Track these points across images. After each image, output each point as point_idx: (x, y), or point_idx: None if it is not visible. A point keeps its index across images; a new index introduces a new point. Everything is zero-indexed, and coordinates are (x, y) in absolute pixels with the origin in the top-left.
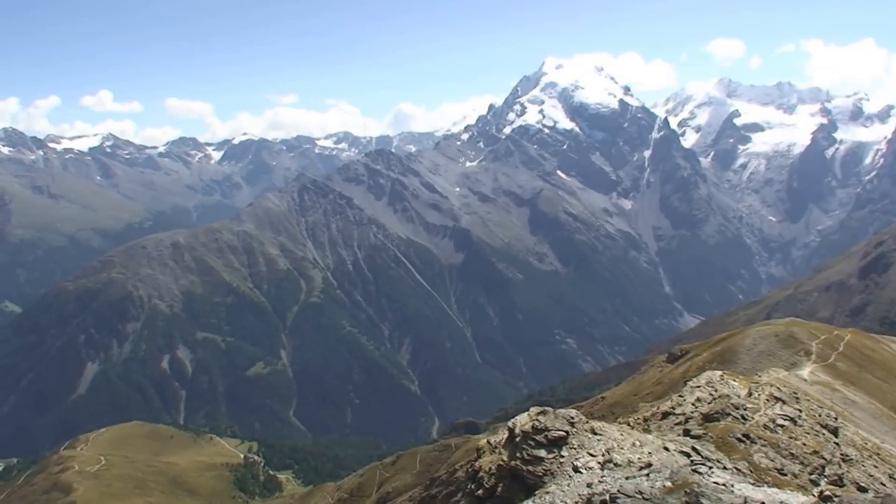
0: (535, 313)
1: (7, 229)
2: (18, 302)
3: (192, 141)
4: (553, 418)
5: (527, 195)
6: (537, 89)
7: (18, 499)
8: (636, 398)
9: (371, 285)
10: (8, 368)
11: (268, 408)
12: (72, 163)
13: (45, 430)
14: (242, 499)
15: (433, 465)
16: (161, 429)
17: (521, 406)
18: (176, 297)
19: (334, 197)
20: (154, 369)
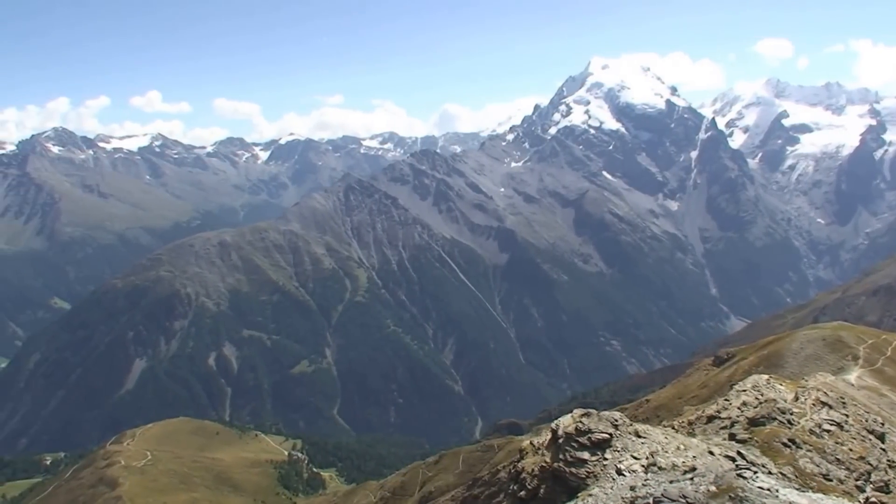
0: (580, 314)
1: (57, 227)
2: (68, 299)
3: (239, 141)
4: (597, 420)
5: (572, 196)
6: (583, 89)
7: (65, 492)
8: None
9: (415, 285)
10: (57, 364)
11: (312, 406)
12: (121, 162)
13: (92, 425)
14: (286, 496)
15: (476, 465)
16: (207, 425)
17: (565, 408)
18: (223, 295)
19: (379, 197)
20: (201, 366)
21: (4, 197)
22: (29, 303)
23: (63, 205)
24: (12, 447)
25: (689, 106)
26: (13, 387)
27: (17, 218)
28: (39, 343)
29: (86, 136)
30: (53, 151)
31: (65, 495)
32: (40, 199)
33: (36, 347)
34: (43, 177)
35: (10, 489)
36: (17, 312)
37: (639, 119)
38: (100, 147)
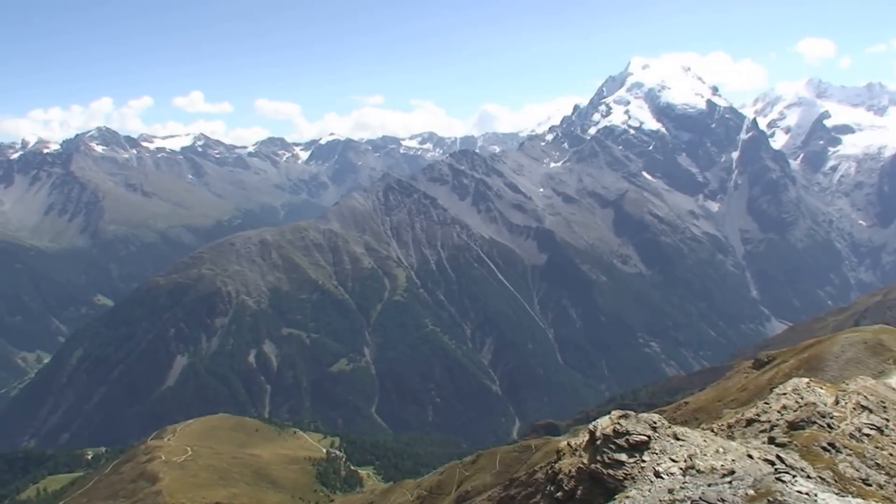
0: (619, 316)
1: (101, 225)
2: (111, 296)
3: (280, 141)
4: (635, 422)
5: (611, 196)
6: (623, 89)
7: (106, 487)
8: (720, 404)
9: (454, 285)
10: (100, 360)
11: (350, 404)
12: (164, 161)
13: (133, 421)
14: (324, 493)
15: (513, 465)
16: (246, 421)
17: (603, 409)
18: (263, 293)
19: (419, 197)
20: (241, 363)
21: (49, 195)
22: (73, 300)
23: (107, 203)
24: (54, 441)
25: (730, 106)
26: (56, 382)
27: (62, 216)
28: (82, 339)
29: (129, 136)
30: (97, 151)
31: (105, 489)
32: (84, 198)
33: (79, 343)
34: (87, 176)
35: (52, 483)
36: (61, 309)
37: (679, 119)
38: (143, 146)
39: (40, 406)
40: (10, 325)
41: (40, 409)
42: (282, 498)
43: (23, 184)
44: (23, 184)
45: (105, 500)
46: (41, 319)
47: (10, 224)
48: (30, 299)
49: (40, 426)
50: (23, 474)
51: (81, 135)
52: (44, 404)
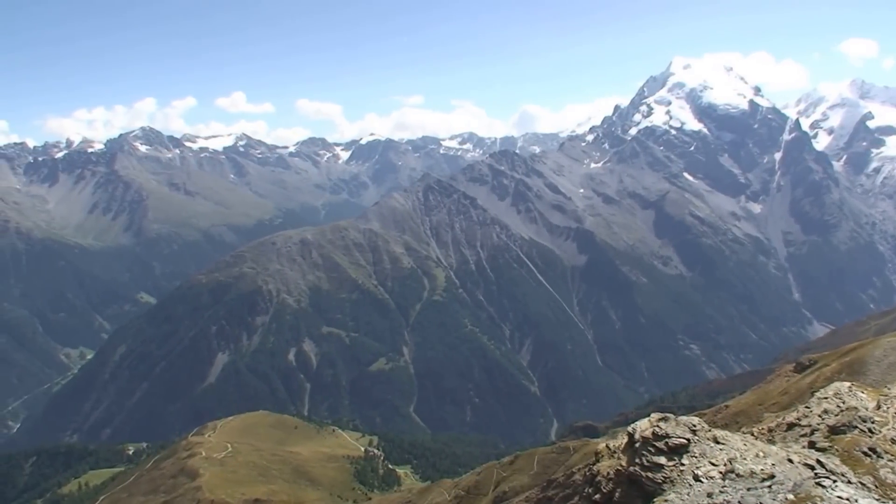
0: (659, 318)
1: (144, 224)
2: (154, 293)
3: (321, 141)
4: (674, 425)
5: (652, 197)
6: (664, 90)
7: (147, 482)
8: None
9: (493, 285)
10: (142, 356)
11: (389, 403)
12: (207, 161)
13: (175, 417)
14: (362, 491)
15: (550, 466)
16: (286, 419)
17: (642, 411)
18: (303, 292)
19: (458, 197)
20: (281, 361)
21: (93, 194)
22: (116, 297)
23: (150, 202)
24: (96, 437)
25: (772, 106)
26: (99, 378)
27: (106, 214)
28: (125, 336)
29: (172, 136)
30: (141, 150)
31: (146, 485)
32: (128, 197)
33: (122, 340)
34: (131, 175)
35: (93, 477)
36: (105, 306)
37: (721, 120)
38: (186, 146)
39: (83, 402)
40: (54, 321)
41: (83, 404)
42: (320, 495)
43: (67, 182)
44: (67, 182)
45: (145, 495)
46: (85, 316)
47: (54, 222)
48: (74, 296)
49: (83, 421)
50: (65, 469)
51: (125, 134)
52: (86, 400)
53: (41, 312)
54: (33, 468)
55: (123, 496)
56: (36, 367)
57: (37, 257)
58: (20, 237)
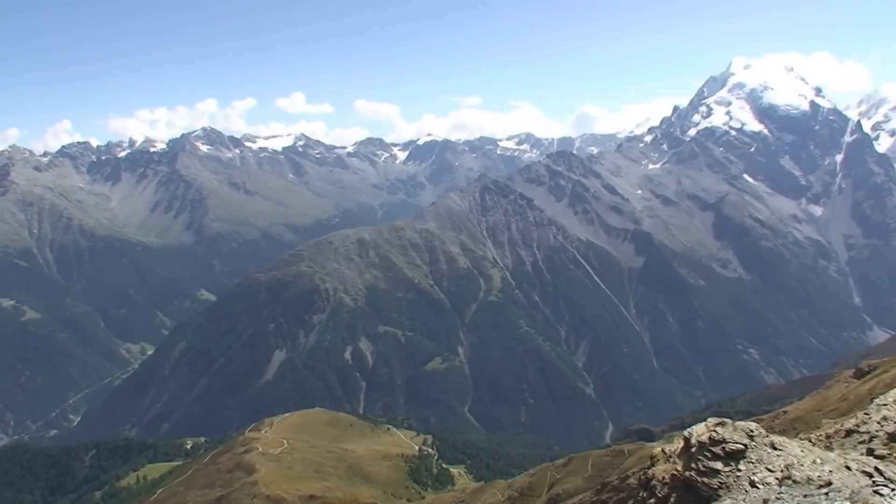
0: (717, 321)
1: (205, 223)
2: (213, 291)
3: (378, 141)
4: (731, 430)
5: (711, 199)
6: (724, 90)
7: (204, 476)
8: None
9: (549, 286)
10: (201, 353)
11: (444, 402)
12: (266, 161)
13: (232, 412)
14: (415, 489)
15: (605, 469)
16: (341, 417)
17: (699, 416)
18: (360, 291)
19: (515, 197)
20: (337, 359)
21: (155, 193)
22: (177, 294)
23: (211, 201)
24: (155, 431)
25: (834, 108)
26: (158, 373)
27: (167, 213)
28: (185, 332)
29: (233, 136)
30: (202, 150)
31: (203, 479)
32: (189, 196)
33: (182, 336)
34: (192, 174)
35: (151, 471)
36: (166, 303)
37: (782, 121)
38: (246, 146)
39: (143, 396)
40: (115, 317)
41: (143, 398)
42: (374, 493)
43: (130, 181)
44: (130, 181)
45: (202, 489)
46: (146, 312)
47: (117, 220)
48: (135, 293)
49: (142, 415)
50: (123, 462)
51: (187, 134)
52: (146, 394)
53: (103, 308)
54: (93, 461)
55: (181, 490)
56: (97, 362)
57: (99, 254)
58: (83, 234)
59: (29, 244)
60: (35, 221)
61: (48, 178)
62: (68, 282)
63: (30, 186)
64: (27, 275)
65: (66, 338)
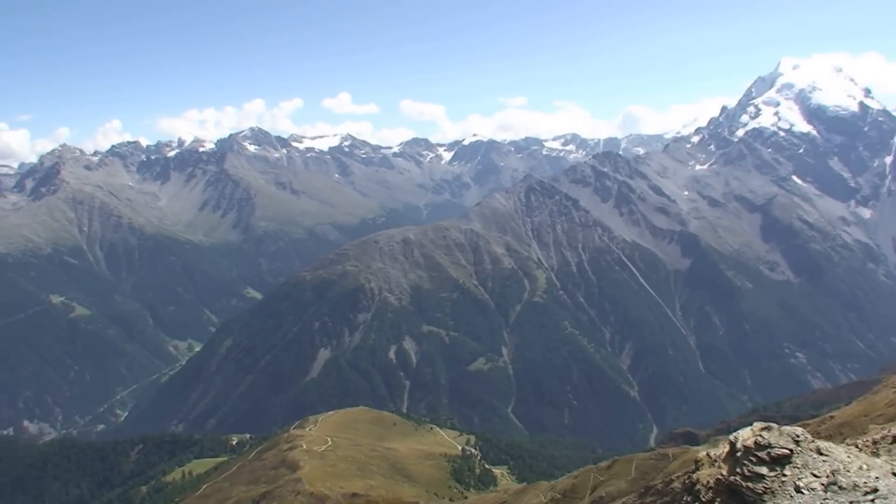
0: (764, 324)
1: (252, 221)
2: (260, 289)
3: (424, 141)
4: (777, 435)
5: (759, 201)
6: (773, 90)
7: (248, 472)
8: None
9: (594, 287)
10: (248, 350)
11: (487, 403)
12: (312, 161)
13: (277, 409)
14: (458, 489)
15: (649, 473)
16: (385, 415)
17: (744, 420)
18: (404, 290)
19: (560, 198)
20: (381, 358)
21: (203, 192)
22: (224, 292)
23: (258, 200)
24: (201, 427)
25: (883, 109)
26: (205, 370)
27: (215, 212)
28: (232, 330)
29: (280, 136)
30: (249, 150)
31: (248, 475)
32: (237, 195)
33: (228, 333)
34: (240, 174)
35: (197, 466)
36: (213, 300)
37: (831, 122)
38: (293, 146)
39: (189, 392)
40: (163, 314)
41: (189, 395)
42: (417, 492)
43: (179, 180)
44: (179, 180)
45: (247, 484)
46: (193, 310)
47: (166, 219)
48: (183, 290)
49: (189, 411)
50: (169, 457)
51: (235, 134)
52: (193, 391)
53: (152, 305)
54: (139, 456)
55: (226, 485)
56: (145, 358)
57: (149, 252)
58: (133, 233)
59: (79, 242)
60: (85, 220)
61: (98, 177)
62: (117, 279)
63: (80, 185)
64: (77, 272)
65: (115, 334)
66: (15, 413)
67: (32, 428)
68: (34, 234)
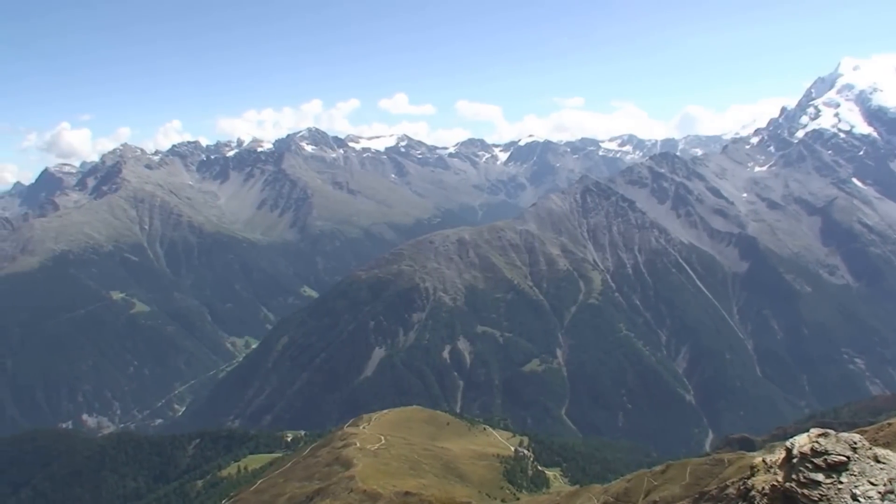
0: (823, 329)
1: (309, 221)
2: (316, 287)
3: (480, 142)
4: (834, 442)
5: (819, 203)
6: (833, 91)
7: (302, 468)
8: None
9: (650, 290)
10: (304, 347)
11: (541, 404)
12: (369, 161)
13: (332, 407)
14: (510, 490)
15: (703, 478)
16: (438, 415)
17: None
18: (459, 290)
19: (616, 199)
20: (435, 358)
21: (262, 191)
22: (281, 290)
23: (315, 200)
24: (257, 423)
25: None
26: (262, 367)
27: (273, 211)
28: (288, 327)
29: (337, 136)
30: (307, 150)
31: (302, 471)
32: (294, 195)
33: (285, 331)
34: (297, 173)
35: (252, 461)
36: (270, 298)
37: (892, 123)
38: (349, 146)
39: (246, 388)
40: (221, 311)
41: (246, 391)
42: (469, 492)
43: (237, 180)
44: (237, 180)
45: (301, 481)
46: (251, 307)
47: (224, 217)
48: (241, 288)
49: (245, 407)
50: (226, 452)
51: (293, 135)
52: (249, 387)
53: (210, 302)
54: (196, 450)
55: (280, 481)
56: (203, 354)
57: (207, 250)
58: (192, 231)
59: (140, 239)
60: (146, 218)
61: (159, 175)
62: (177, 276)
63: (141, 184)
64: (137, 269)
65: (174, 330)
66: (74, 407)
67: (91, 422)
68: (96, 231)
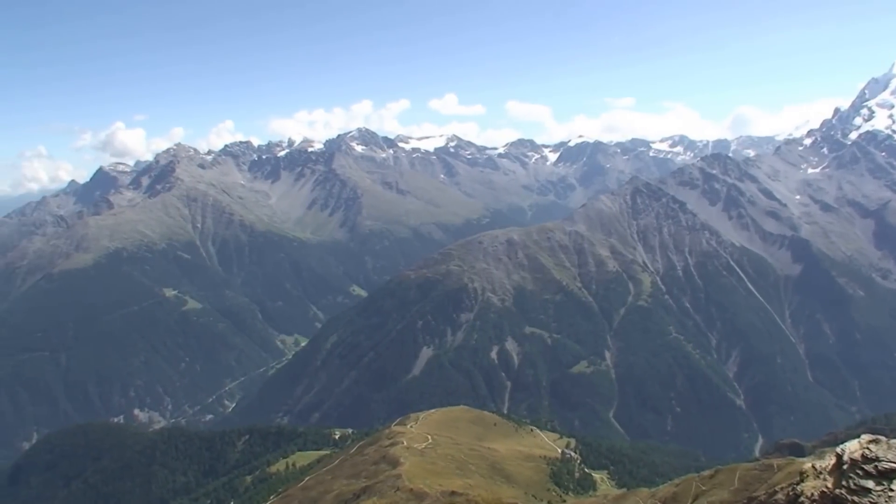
0: (876, 334)
1: (358, 220)
2: (365, 286)
3: (529, 142)
4: (886, 449)
5: (872, 206)
6: (887, 92)
7: (350, 466)
8: None
9: (700, 292)
10: (352, 346)
11: (588, 406)
12: (418, 161)
13: (379, 406)
14: (556, 492)
15: (752, 484)
16: (485, 415)
17: (852, 432)
18: (507, 291)
19: (667, 201)
20: (483, 358)
21: (312, 191)
22: (330, 288)
23: (364, 200)
24: (306, 420)
25: None
26: (311, 364)
27: (323, 210)
28: (337, 326)
29: (387, 137)
30: (357, 150)
31: (349, 469)
32: (344, 194)
33: (334, 330)
34: (347, 173)
35: (300, 458)
36: (319, 297)
37: None
38: (399, 147)
39: (295, 386)
40: (272, 309)
41: (295, 388)
42: (515, 493)
43: (288, 179)
44: (288, 179)
45: (348, 478)
46: (300, 305)
47: (276, 216)
48: (291, 286)
49: (294, 404)
50: (274, 448)
51: (343, 135)
52: (298, 384)
53: (260, 300)
54: (245, 446)
55: (327, 478)
56: (253, 352)
57: (258, 249)
58: (244, 229)
59: (192, 238)
60: (198, 216)
61: (211, 175)
62: (228, 274)
63: (194, 183)
64: (190, 267)
65: (225, 327)
66: (126, 401)
67: (142, 416)
68: (149, 229)
